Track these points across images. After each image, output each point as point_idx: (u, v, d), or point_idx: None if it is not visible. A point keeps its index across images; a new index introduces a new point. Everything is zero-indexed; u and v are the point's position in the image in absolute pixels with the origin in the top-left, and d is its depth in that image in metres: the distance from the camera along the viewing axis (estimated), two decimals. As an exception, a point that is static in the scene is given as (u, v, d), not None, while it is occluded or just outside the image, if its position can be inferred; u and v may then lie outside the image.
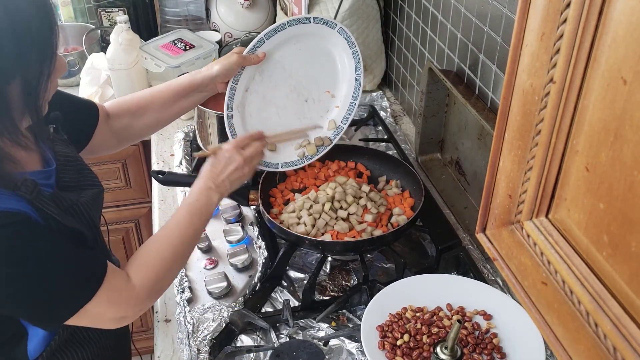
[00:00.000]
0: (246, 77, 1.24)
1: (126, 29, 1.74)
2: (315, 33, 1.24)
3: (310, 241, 1.23)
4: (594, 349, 0.53)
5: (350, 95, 1.23)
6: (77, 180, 1.00)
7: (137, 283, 0.95)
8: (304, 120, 1.23)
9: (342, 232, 1.27)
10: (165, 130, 1.80)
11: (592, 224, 0.54)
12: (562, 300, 0.58)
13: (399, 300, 1.15)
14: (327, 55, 1.27)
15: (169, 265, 1.01)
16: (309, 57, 1.26)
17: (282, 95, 1.26)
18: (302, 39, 1.24)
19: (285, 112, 1.25)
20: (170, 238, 1.03)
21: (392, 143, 1.69)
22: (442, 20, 1.53)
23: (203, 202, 1.08)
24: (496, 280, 1.26)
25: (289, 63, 1.25)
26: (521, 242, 0.65)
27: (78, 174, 1.01)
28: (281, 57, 1.25)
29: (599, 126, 0.51)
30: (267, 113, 1.26)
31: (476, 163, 1.44)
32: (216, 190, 1.10)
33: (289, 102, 1.24)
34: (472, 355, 1.05)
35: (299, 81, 1.24)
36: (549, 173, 0.59)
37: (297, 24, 1.22)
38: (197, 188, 1.10)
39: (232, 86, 1.23)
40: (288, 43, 1.24)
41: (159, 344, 1.18)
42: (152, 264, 0.99)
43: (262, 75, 1.24)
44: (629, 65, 0.46)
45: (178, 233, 1.04)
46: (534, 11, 0.56)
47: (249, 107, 1.26)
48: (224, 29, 2.09)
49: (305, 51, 1.26)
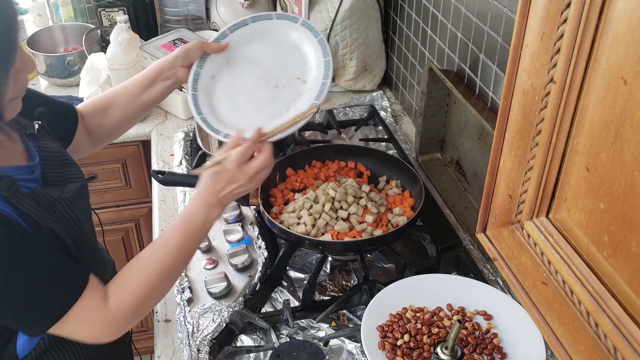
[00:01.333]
0: (212, 66, 1.22)
1: (126, 29, 1.74)
2: (279, 27, 1.25)
3: (310, 241, 1.23)
4: (594, 349, 0.53)
5: (320, 77, 1.23)
6: (62, 174, 0.98)
7: (113, 305, 0.90)
8: (275, 105, 1.22)
9: (342, 232, 1.27)
10: (166, 130, 1.80)
11: (593, 224, 0.54)
12: (563, 300, 0.58)
13: (399, 300, 1.15)
14: (293, 45, 1.26)
15: (154, 287, 0.94)
16: (276, 49, 1.26)
17: (250, 83, 1.24)
18: (268, 34, 1.25)
19: (256, 97, 1.22)
20: (160, 257, 0.96)
21: (392, 143, 1.69)
22: (442, 20, 1.53)
23: (201, 219, 1.00)
24: (496, 280, 1.26)
25: (255, 54, 1.25)
26: (521, 242, 0.65)
27: (64, 168, 0.99)
28: (247, 50, 1.25)
29: (600, 126, 0.51)
30: (237, 101, 1.22)
31: (476, 163, 1.44)
32: (216, 207, 1.02)
33: (258, 89, 1.22)
34: (472, 355, 1.05)
35: (267, 70, 1.23)
36: (549, 173, 0.59)
37: (260, 20, 1.24)
38: (196, 203, 1.01)
39: (196, 70, 1.20)
40: (254, 38, 1.25)
41: (159, 344, 1.18)
42: (135, 285, 0.92)
43: (228, 65, 1.24)
44: (630, 65, 0.46)
45: (169, 251, 0.96)
46: (534, 11, 0.56)
47: (217, 93, 1.22)
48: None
49: (271, 44, 1.26)
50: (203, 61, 1.22)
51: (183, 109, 1.82)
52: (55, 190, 0.93)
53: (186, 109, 1.82)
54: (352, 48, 1.85)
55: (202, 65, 1.21)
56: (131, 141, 1.83)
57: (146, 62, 1.75)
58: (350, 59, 1.87)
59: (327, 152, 1.52)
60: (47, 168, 0.96)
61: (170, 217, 1.48)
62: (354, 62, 1.88)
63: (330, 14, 1.78)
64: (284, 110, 1.18)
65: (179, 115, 1.85)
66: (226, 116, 1.18)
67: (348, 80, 1.93)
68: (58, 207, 0.91)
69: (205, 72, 1.22)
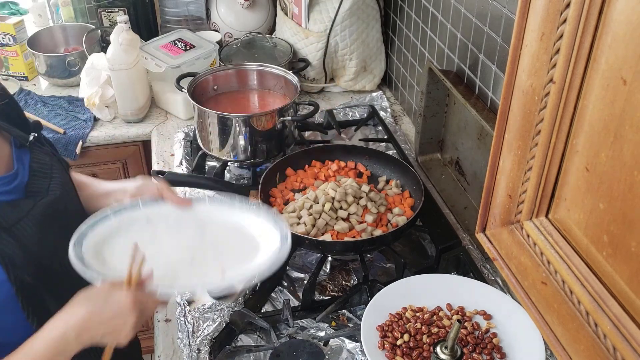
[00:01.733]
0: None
1: (126, 29, 1.74)
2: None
3: (310, 241, 1.23)
4: (593, 349, 0.53)
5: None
6: (47, 187, 0.98)
7: None
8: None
9: (342, 232, 1.27)
10: (166, 131, 1.80)
11: (592, 224, 0.54)
12: (562, 300, 0.58)
13: (399, 300, 1.15)
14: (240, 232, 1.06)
15: None
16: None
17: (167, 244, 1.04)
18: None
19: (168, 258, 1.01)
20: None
21: (392, 143, 1.69)
22: (442, 20, 1.53)
23: (57, 351, 0.85)
24: (496, 280, 1.26)
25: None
26: (521, 242, 0.65)
27: (50, 181, 0.99)
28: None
29: (599, 126, 0.51)
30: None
31: (476, 163, 1.44)
32: (76, 342, 0.85)
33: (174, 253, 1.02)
34: (472, 355, 1.05)
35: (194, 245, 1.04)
36: (549, 173, 0.59)
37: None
38: (50, 333, 0.85)
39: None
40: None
41: (159, 344, 1.18)
42: None
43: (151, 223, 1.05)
44: (629, 65, 0.46)
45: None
46: (533, 11, 0.56)
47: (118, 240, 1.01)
48: (224, 29, 2.09)
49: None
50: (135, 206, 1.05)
51: (183, 109, 1.83)
52: (25, 206, 0.92)
53: (186, 109, 1.82)
54: (352, 48, 1.85)
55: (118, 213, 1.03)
56: (131, 141, 1.83)
57: (146, 63, 1.76)
58: (350, 59, 1.87)
59: (326, 152, 1.52)
60: (33, 179, 0.96)
61: (170, 217, 1.48)
62: (353, 62, 1.88)
63: (330, 14, 1.78)
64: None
65: (179, 115, 1.85)
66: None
67: (348, 81, 1.93)
68: (18, 228, 0.90)
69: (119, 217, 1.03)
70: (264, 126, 1.49)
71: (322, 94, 1.99)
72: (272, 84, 1.67)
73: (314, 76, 1.93)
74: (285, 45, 1.90)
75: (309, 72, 1.91)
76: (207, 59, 1.80)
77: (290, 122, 1.54)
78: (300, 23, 1.85)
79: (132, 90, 1.78)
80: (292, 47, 1.89)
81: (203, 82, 1.62)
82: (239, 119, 1.47)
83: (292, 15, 1.89)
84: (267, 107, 1.63)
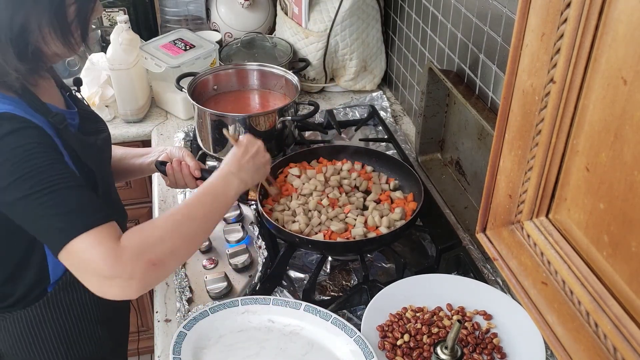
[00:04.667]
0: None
1: (126, 29, 1.74)
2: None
3: (311, 241, 1.23)
4: (594, 349, 0.53)
5: None
6: (95, 127, 1.13)
7: (123, 241, 0.91)
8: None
9: (337, 232, 1.27)
10: (166, 130, 1.80)
11: (593, 224, 0.54)
12: (562, 300, 0.58)
13: (399, 300, 1.15)
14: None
15: (162, 233, 0.95)
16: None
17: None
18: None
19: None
20: (174, 211, 1.00)
21: (392, 143, 1.69)
22: (442, 20, 1.53)
23: (219, 185, 1.08)
24: (496, 280, 1.26)
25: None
26: (521, 242, 0.65)
27: (95, 123, 1.15)
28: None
29: (599, 126, 0.51)
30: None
31: (476, 163, 1.44)
32: (236, 175, 1.10)
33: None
34: (472, 355, 1.05)
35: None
36: (549, 173, 0.59)
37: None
38: (216, 172, 1.11)
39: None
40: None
41: (159, 344, 1.18)
42: (143, 228, 0.96)
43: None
44: (629, 65, 0.46)
45: (183, 208, 1.01)
46: (534, 11, 0.56)
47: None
48: (224, 29, 2.09)
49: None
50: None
51: (183, 109, 1.83)
52: (91, 138, 1.08)
53: (186, 109, 1.82)
54: (352, 48, 1.85)
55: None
56: (132, 141, 1.83)
57: (146, 62, 1.75)
58: (350, 59, 1.87)
59: (327, 152, 1.52)
60: (83, 121, 1.09)
61: (170, 217, 1.48)
62: (353, 62, 1.88)
63: (330, 14, 1.78)
64: None
65: (179, 115, 1.85)
66: None
67: (348, 81, 1.93)
68: (93, 151, 1.05)
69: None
70: (264, 126, 1.49)
71: (322, 94, 1.99)
72: (272, 84, 1.67)
73: (314, 76, 1.93)
74: (286, 45, 1.90)
75: (309, 72, 1.91)
76: (207, 59, 1.80)
77: (291, 122, 1.54)
78: (300, 23, 1.85)
79: (132, 90, 1.78)
80: (292, 47, 1.89)
81: (203, 82, 1.62)
82: (239, 118, 1.47)
83: (292, 15, 1.89)
84: (267, 107, 1.63)
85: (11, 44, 0.90)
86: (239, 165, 1.12)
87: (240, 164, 1.12)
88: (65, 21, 0.95)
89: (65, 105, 1.08)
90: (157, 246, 0.93)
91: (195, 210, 1.02)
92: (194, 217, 1.01)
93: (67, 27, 0.95)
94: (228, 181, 1.09)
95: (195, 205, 1.02)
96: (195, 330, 1.08)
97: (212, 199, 1.05)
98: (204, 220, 1.02)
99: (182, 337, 1.05)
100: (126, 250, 0.90)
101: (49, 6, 0.91)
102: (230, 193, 1.08)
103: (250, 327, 1.11)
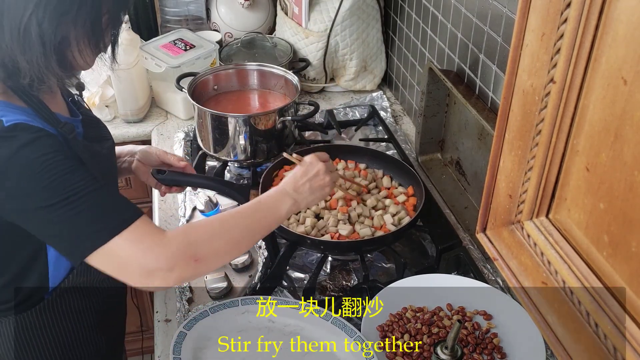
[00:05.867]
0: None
1: (126, 29, 1.74)
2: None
3: (311, 241, 1.23)
4: (594, 349, 0.53)
5: None
6: (98, 133, 1.12)
7: (170, 234, 0.93)
8: None
9: (343, 233, 1.27)
10: (166, 130, 1.80)
11: (593, 224, 0.54)
12: (562, 300, 0.58)
13: (399, 300, 1.15)
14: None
15: (210, 234, 0.98)
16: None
17: None
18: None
19: None
20: (226, 216, 1.03)
21: (392, 143, 1.69)
22: (442, 20, 1.53)
23: (272, 200, 1.09)
24: (496, 280, 1.26)
25: None
26: (521, 242, 0.65)
27: (99, 130, 1.14)
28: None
29: (600, 126, 0.51)
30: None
31: (476, 163, 1.44)
32: (291, 196, 1.10)
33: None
34: (472, 355, 1.05)
35: None
36: (549, 173, 0.59)
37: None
38: (274, 189, 1.12)
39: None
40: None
41: (159, 344, 1.18)
42: (193, 225, 0.99)
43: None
44: (629, 65, 0.46)
45: (235, 215, 1.03)
46: (534, 11, 0.56)
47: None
48: (224, 29, 2.09)
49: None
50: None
51: (183, 109, 1.82)
52: (96, 145, 1.07)
53: (186, 109, 1.82)
54: (352, 48, 1.85)
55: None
56: (131, 141, 1.82)
57: (147, 62, 1.75)
58: (350, 59, 1.87)
59: (327, 152, 1.52)
60: (86, 127, 1.09)
61: (171, 217, 1.48)
62: (354, 62, 1.88)
63: (330, 14, 1.78)
64: None
65: (179, 115, 1.85)
66: None
67: (348, 80, 1.93)
68: (101, 159, 1.05)
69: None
70: (264, 126, 1.49)
71: (322, 94, 1.98)
72: (272, 84, 1.67)
73: (314, 76, 1.93)
74: (286, 45, 1.90)
75: (309, 72, 1.91)
76: (207, 59, 1.80)
77: (291, 122, 1.54)
78: (300, 23, 1.85)
79: (132, 90, 1.78)
80: (292, 47, 1.89)
81: (203, 82, 1.62)
82: (239, 118, 1.47)
83: (293, 15, 1.89)
84: (267, 107, 1.63)
85: (54, 52, 0.92)
86: (294, 187, 1.12)
87: (296, 185, 1.12)
88: (99, 32, 0.97)
89: (69, 112, 1.08)
90: (203, 244, 0.96)
91: (246, 220, 1.04)
92: (244, 226, 1.03)
93: (99, 38, 0.98)
94: (281, 199, 1.10)
95: (248, 216, 1.04)
96: (195, 330, 1.08)
97: (263, 213, 1.07)
98: (251, 232, 1.05)
99: (182, 337, 1.05)
100: (172, 243, 0.92)
101: (88, 17, 0.93)
102: (282, 211, 1.09)
103: (250, 327, 1.11)
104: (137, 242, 0.90)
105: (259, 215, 1.06)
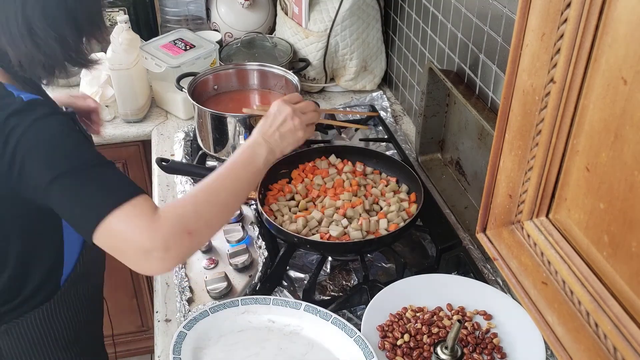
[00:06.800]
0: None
1: (126, 29, 1.74)
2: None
3: (311, 242, 1.23)
4: (594, 349, 0.53)
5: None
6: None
7: (161, 212, 0.94)
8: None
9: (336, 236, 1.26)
10: (166, 130, 1.80)
11: (593, 224, 0.54)
12: (562, 300, 0.58)
13: (399, 300, 1.15)
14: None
15: (196, 204, 0.98)
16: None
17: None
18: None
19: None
20: (207, 183, 1.02)
21: (392, 143, 1.69)
22: (442, 20, 1.53)
23: (246, 155, 1.09)
24: (496, 280, 1.26)
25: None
26: (521, 242, 0.65)
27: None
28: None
29: (600, 126, 0.51)
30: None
31: (476, 163, 1.44)
32: (264, 144, 1.11)
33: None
34: (472, 355, 1.05)
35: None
36: (549, 173, 0.59)
37: None
38: (245, 143, 1.12)
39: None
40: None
41: (159, 344, 1.18)
42: (181, 199, 1.00)
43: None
44: (630, 65, 0.46)
45: (215, 179, 1.03)
46: (534, 11, 0.56)
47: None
48: (224, 28, 2.09)
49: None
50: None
51: (183, 109, 1.82)
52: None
53: (186, 109, 1.82)
54: (352, 48, 1.85)
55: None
56: (132, 141, 1.83)
57: (146, 62, 1.75)
58: (350, 59, 1.87)
59: (327, 152, 1.52)
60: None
61: (171, 217, 1.48)
62: (354, 62, 1.88)
63: (330, 14, 1.78)
64: None
65: (179, 115, 1.85)
66: None
67: (348, 80, 1.93)
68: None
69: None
70: (264, 126, 1.49)
71: (322, 94, 1.98)
72: (272, 84, 1.67)
73: (314, 76, 1.93)
74: (286, 45, 1.90)
75: (309, 71, 1.91)
76: (207, 59, 1.80)
77: (291, 122, 1.54)
78: (300, 23, 1.85)
79: (132, 90, 1.78)
80: (292, 47, 1.89)
81: (203, 82, 1.62)
82: (239, 118, 1.47)
83: (293, 15, 1.89)
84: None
85: (74, 47, 1.00)
86: (264, 136, 1.12)
87: (266, 135, 1.12)
88: (103, 23, 1.05)
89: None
90: (192, 216, 0.96)
91: (227, 181, 1.04)
92: (226, 187, 1.03)
93: (104, 29, 1.05)
94: (255, 151, 1.10)
95: (227, 176, 1.05)
96: (195, 330, 1.08)
97: (242, 170, 1.07)
98: (235, 191, 1.05)
99: (182, 337, 1.05)
100: (164, 221, 0.92)
101: (99, 12, 1.03)
102: (259, 163, 1.09)
103: (250, 327, 1.11)
104: (133, 218, 0.91)
105: (238, 173, 1.06)
